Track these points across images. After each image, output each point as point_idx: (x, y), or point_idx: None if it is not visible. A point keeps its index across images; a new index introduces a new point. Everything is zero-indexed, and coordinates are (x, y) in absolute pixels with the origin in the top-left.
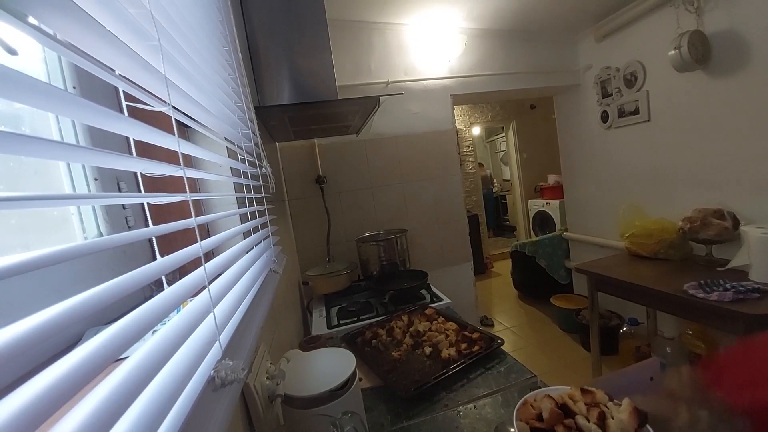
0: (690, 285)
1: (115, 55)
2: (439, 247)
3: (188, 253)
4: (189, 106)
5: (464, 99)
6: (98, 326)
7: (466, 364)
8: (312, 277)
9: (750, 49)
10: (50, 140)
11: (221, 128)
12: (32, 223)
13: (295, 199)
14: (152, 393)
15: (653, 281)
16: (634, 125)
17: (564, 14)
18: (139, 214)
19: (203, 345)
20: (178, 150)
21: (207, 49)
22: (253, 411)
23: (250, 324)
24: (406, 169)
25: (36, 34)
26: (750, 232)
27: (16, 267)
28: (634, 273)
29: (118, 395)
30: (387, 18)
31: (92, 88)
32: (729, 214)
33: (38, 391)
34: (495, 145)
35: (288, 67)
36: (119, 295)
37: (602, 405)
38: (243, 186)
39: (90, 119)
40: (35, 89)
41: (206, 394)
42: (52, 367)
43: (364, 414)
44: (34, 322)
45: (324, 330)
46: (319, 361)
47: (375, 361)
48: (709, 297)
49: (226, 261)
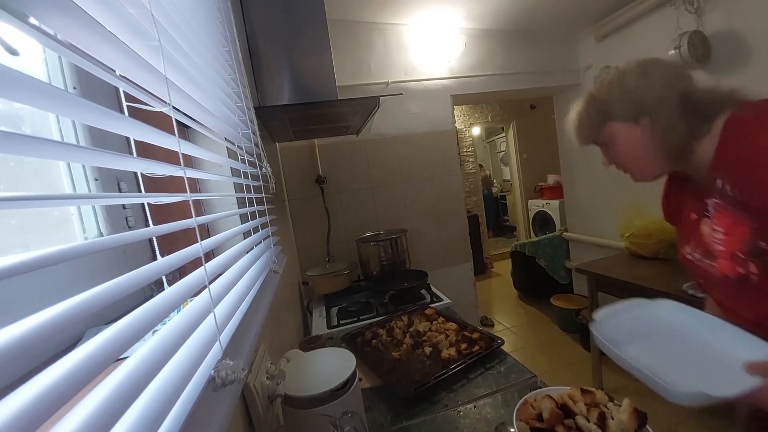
0: (689, 285)
1: (115, 55)
2: (439, 247)
3: (188, 253)
4: (189, 107)
5: (464, 99)
6: (98, 326)
7: (466, 364)
8: (312, 277)
9: (750, 49)
10: (50, 140)
11: (221, 128)
12: (32, 223)
13: (295, 199)
14: (153, 393)
15: (653, 281)
16: None
17: (564, 14)
18: (139, 214)
19: (204, 345)
20: (178, 150)
21: (207, 49)
22: (253, 411)
23: (251, 324)
24: (406, 169)
25: (36, 34)
26: None
27: (16, 267)
28: (634, 273)
29: (118, 395)
30: (387, 18)
31: (92, 88)
32: None
33: (38, 391)
34: (495, 145)
35: (288, 67)
36: (119, 295)
37: (602, 405)
38: (243, 186)
39: (90, 119)
40: (35, 89)
41: (207, 393)
42: (52, 367)
43: (364, 414)
44: (34, 322)
45: (324, 330)
46: (319, 361)
47: (375, 361)
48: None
49: (227, 261)
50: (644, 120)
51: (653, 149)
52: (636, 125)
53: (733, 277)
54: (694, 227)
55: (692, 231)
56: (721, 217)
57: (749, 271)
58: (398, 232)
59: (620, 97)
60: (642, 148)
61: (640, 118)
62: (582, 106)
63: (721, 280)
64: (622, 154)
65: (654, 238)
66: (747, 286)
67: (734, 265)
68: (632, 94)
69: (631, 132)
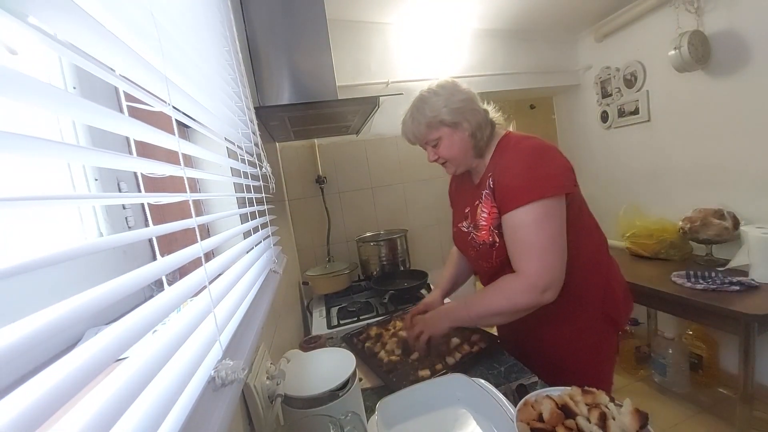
0: (677, 274)
1: (115, 54)
2: (440, 247)
3: (188, 254)
4: (189, 106)
5: None
6: (98, 326)
7: (466, 364)
8: (312, 277)
9: (750, 49)
10: (50, 140)
11: (221, 128)
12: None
13: (295, 199)
14: (153, 393)
15: (653, 281)
16: (634, 125)
17: (564, 14)
18: (139, 214)
19: (204, 345)
20: (178, 150)
21: (207, 49)
22: (253, 411)
23: (251, 324)
24: (406, 169)
25: (36, 34)
26: (750, 232)
27: (16, 267)
28: (634, 273)
29: (118, 395)
30: (387, 18)
31: (92, 88)
32: (729, 214)
33: (38, 392)
34: None
35: (288, 67)
36: (119, 295)
37: (603, 406)
38: (243, 186)
39: (90, 119)
40: (35, 89)
41: (207, 394)
42: (52, 368)
43: (364, 414)
44: (34, 323)
45: (324, 330)
46: (319, 361)
47: (375, 361)
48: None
49: (227, 261)
50: (464, 125)
51: (469, 147)
52: (457, 130)
53: (488, 242)
54: (474, 210)
55: (471, 212)
56: (487, 203)
57: (495, 239)
58: (398, 232)
59: (449, 107)
60: (462, 147)
61: (462, 124)
62: (416, 110)
63: (481, 244)
64: (448, 151)
65: (654, 238)
66: (495, 248)
67: (489, 234)
68: (457, 105)
69: (455, 134)
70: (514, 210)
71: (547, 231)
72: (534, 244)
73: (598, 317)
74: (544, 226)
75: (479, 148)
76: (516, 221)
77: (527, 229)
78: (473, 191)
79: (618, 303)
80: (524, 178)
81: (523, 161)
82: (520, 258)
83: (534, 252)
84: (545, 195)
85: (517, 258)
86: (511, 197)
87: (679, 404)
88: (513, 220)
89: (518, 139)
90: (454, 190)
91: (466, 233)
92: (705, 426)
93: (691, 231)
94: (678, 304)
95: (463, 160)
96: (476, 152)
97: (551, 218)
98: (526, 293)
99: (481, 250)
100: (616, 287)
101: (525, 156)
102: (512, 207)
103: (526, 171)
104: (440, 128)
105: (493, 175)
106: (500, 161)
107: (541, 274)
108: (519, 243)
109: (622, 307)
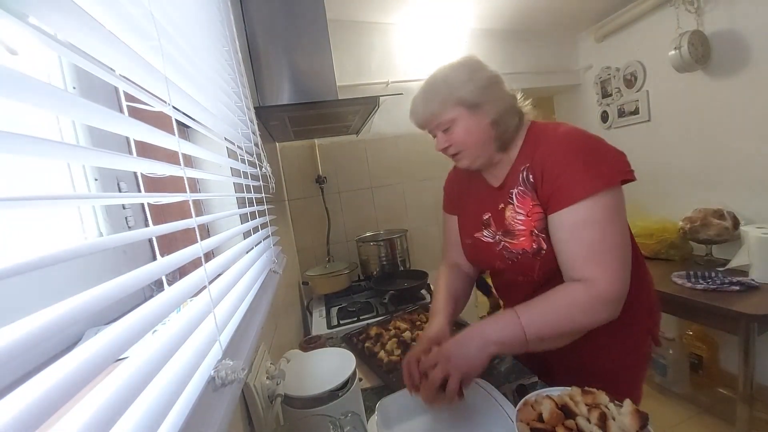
0: (678, 274)
1: (115, 55)
2: (439, 247)
3: (188, 254)
4: (189, 106)
5: None
6: (98, 326)
7: None
8: (312, 277)
9: (750, 49)
10: (50, 140)
11: (221, 128)
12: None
13: (295, 199)
14: (152, 393)
15: (654, 281)
16: (634, 125)
17: (564, 14)
18: (139, 214)
19: (204, 345)
20: (178, 150)
21: (207, 49)
22: (253, 411)
23: (251, 324)
24: (406, 169)
25: (36, 34)
26: (750, 232)
27: (17, 267)
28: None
29: (118, 395)
30: (387, 18)
31: (92, 88)
32: (729, 214)
33: (38, 391)
34: None
35: (288, 67)
36: (119, 295)
37: (603, 406)
38: (243, 186)
39: (90, 119)
40: (35, 89)
41: (206, 393)
42: (52, 368)
43: (364, 414)
44: (34, 323)
45: (324, 330)
46: (319, 361)
47: (375, 362)
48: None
49: (227, 261)
50: (486, 109)
51: (490, 137)
52: (477, 113)
53: (530, 250)
54: (499, 214)
55: (496, 218)
56: (524, 202)
57: (541, 245)
58: (398, 232)
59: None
60: (481, 135)
61: (483, 106)
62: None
63: (520, 254)
64: (463, 137)
65: (654, 238)
66: (540, 256)
67: (531, 240)
68: (482, 83)
69: (473, 118)
70: (574, 204)
71: (618, 228)
72: (605, 245)
73: (644, 335)
74: (615, 222)
75: (503, 140)
76: (579, 218)
77: (596, 226)
78: (493, 193)
79: (658, 319)
80: (584, 165)
81: (576, 146)
82: (585, 263)
83: (606, 255)
84: (612, 183)
85: (579, 264)
86: (569, 189)
87: (679, 404)
88: (575, 216)
89: (553, 125)
90: (456, 195)
91: (493, 243)
92: (705, 426)
93: (691, 231)
94: (678, 305)
95: (481, 152)
96: (498, 145)
97: (621, 212)
98: (602, 307)
99: (520, 261)
100: (656, 301)
101: (575, 140)
102: (571, 201)
103: (584, 156)
104: (456, 108)
105: (532, 168)
106: (538, 151)
107: (614, 282)
108: (583, 245)
109: (659, 323)
